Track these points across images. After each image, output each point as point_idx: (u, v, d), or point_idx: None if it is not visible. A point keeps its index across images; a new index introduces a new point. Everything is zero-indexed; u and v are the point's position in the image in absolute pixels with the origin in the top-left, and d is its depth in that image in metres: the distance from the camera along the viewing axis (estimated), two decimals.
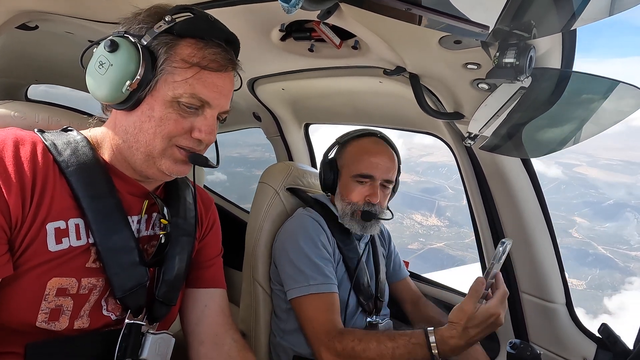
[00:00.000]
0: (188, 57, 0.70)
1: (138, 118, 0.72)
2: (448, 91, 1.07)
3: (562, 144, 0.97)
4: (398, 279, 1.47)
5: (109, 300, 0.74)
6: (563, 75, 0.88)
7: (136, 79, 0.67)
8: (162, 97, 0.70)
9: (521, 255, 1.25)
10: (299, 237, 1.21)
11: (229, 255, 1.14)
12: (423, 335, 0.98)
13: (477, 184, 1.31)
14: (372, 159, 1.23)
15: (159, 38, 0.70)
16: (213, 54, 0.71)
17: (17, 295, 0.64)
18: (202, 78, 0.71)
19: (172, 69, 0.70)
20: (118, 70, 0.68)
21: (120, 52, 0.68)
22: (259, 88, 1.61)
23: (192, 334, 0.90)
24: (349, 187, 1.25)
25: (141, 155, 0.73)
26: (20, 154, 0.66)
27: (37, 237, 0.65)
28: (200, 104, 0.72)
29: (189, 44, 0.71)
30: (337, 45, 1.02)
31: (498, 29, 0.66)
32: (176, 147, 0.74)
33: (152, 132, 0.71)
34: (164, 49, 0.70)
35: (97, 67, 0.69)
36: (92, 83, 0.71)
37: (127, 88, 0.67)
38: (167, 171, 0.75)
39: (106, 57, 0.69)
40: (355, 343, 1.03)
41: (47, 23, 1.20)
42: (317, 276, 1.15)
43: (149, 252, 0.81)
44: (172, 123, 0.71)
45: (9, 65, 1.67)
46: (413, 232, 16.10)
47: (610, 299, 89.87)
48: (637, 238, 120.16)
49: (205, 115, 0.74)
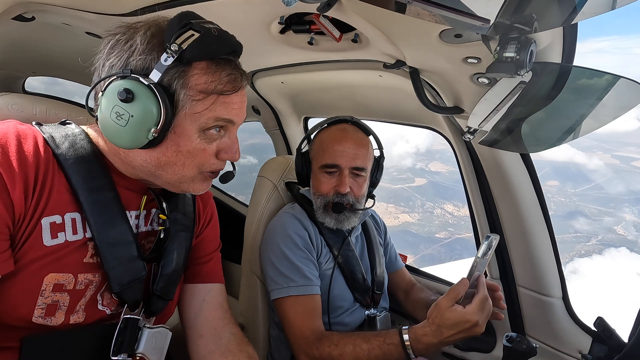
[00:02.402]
0: (204, 87, 0.67)
1: (163, 154, 0.70)
2: (448, 85, 1.07)
3: (561, 139, 0.96)
4: (393, 270, 1.47)
5: (104, 294, 0.74)
6: (563, 69, 0.87)
7: (161, 124, 0.65)
8: (188, 132, 0.69)
9: (518, 249, 1.26)
10: (278, 238, 1.20)
11: (228, 249, 1.15)
12: (397, 334, 0.99)
13: (476, 178, 1.32)
14: (336, 147, 1.19)
15: (170, 71, 0.66)
16: (227, 75, 0.69)
17: (13, 290, 0.64)
18: (221, 102, 0.70)
19: (192, 103, 0.67)
20: (140, 121, 0.65)
21: (138, 101, 0.64)
22: (258, 81, 1.61)
23: (191, 328, 0.90)
24: (318, 179, 1.23)
25: (165, 181, 0.74)
26: (24, 148, 0.66)
27: (33, 232, 0.65)
28: (224, 124, 0.73)
29: (200, 70, 0.67)
30: (337, 38, 1.02)
31: (499, 23, 0.65)
32: (206, 172, 0.75)
33: (182, 164, 0.72)
34: (178, 83, 0.66)
35: (116, 119, 0.65)
36: (112, 132, 0.67)
37: (152, 135, 0.65)
38: (194, 192, 0.77)
39: (123, 108, 0.65)
40: (332, 348, 1.05)
41: (44, 14, 1.18)
42: (297, 278, 1.14)
43: (147, 248, 0.81)
44: (201, 153, 0.72)
45: (6, 57, 1.65)
46: (443, 222, 16.15)
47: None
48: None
49: (229, 135, 0.74)
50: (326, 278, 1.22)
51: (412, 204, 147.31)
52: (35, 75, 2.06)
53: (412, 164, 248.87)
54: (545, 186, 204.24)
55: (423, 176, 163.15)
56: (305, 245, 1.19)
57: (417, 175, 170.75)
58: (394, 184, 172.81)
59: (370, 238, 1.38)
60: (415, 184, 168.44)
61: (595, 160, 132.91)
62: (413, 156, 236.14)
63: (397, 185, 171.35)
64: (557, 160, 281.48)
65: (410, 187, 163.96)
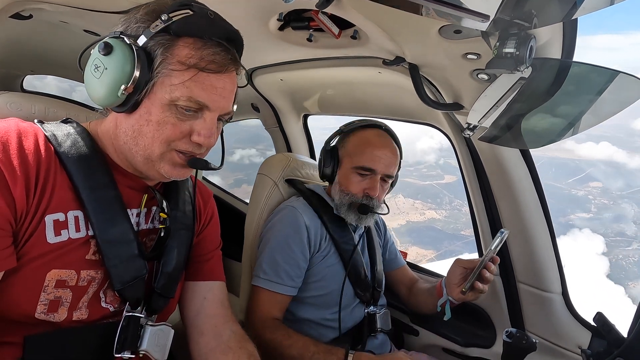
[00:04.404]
0: (185, 59, 0.67)
1: (137, 121, 0.70)
2: (447, 82, 1.07)
3: (561, 135, 0.96)
4: (394, 268, 1.48)
5: (107, 292, 0.74)
6: (563, 65, 0.87)
7: (132, 83, 0.65)
8: (160, 101, 0.68)
9: (518, 245, 1.26)
10: (273, 232, 1.24)
11: (229, 247, 1.15)
12: (344, 353, 1.05)
13: (476, 174, 1.32)
14: (376, 152, 1.22)
15: (156, 38, 0.67)
16: (212, 54, 0.68)
17: (16, 286, 0.64)
18: (200, 80, 0.68)
19: (169, 72, 0.67)
20: (113, 74, 0.66)
21: (115, 55, 0.66)
22: (257, 79, 1.60)
23: (192, 326, 0.91)
24: (348, 178, 1.25)
25: (141, 158, 0.72)
26: (24, 145, 0.66)
27: (37, 229, 0.65)
28: (198, 107, 0.70)
29: (186, 44, 0.68)
30: (336, 35, 1.01)
31: (499, 19, 0.65)
32: (175, 151, 0.73)
33: (151, 137, 0.70)
34: (160, 50, 0.67)
35: (93, 71, 0.68)
36: (89, 86, 0.69)
37: (122, 92, 0.66)
38: (166, 174, 0.74)
39: (101, 60, 0.67)
40: (284, 338, 1.10)
41: (42, 12, 1.18)
42: (271, 273, 1.18)
43: (148, 246, 0.82)
44: (170, 127, 0.70)
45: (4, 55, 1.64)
46: (469, 220, 16.20)
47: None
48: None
49: (204, 119, 0.72)
50: (328, 272, 1.23)
51: (439, 201, 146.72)
52: (34, 73, 2.05)
53: (436, 160, 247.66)
54: (588, 187, 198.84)
55: (453, 173, 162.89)
56: (299, 242, 1.20)
57: (447, 173, 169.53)
58: (422, 180, 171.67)
59: (372, 236, 1.40)
60: (444, 181, 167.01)
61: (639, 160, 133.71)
62: (437, 152, 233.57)
63: (425, 181, 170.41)
64: (594, 159, 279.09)
65: (439, 184, 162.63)
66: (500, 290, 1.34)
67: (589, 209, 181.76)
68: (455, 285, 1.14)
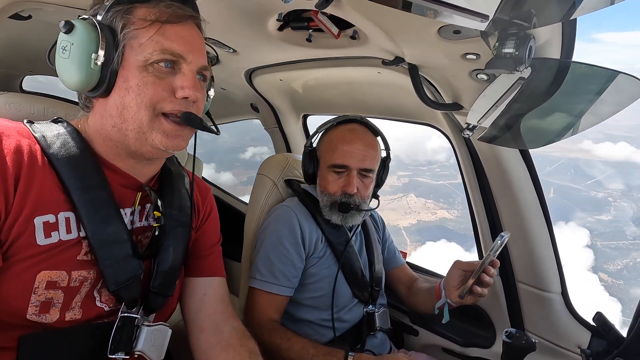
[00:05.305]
0: (145, 15, 0.69)
1: (117, 95, 0.70)
2: (447, 82, 1.07)
3: (560, 135, 0.97)
4: (393, 267, 1.47)
5: (102, 291, 0.73)
6: (562, 65, 0.87)
7: (101, 49, 0.67)
8: (134, 64, 0.69)
9: (518, 245, 1.27)
10: (267, 232, 1.23)
11: (228, 247, 1.15)
12: (343, 354, 1.04)
13: (475, 175, 1.32)
14: (346, 147, 1.19)
15: (112, 10, 0.69)
16: (168, 6, 0.70)
17: (6, 287, 0.63)
18: (165, 32, 0.69)
19: (134, 32, 0.69)
20: (81, 46, 0.67)
21: (77, 29, 0.67)
22: (257, 79, 1.60)
23: (192, 322, 0.90)
24: (325, 178, 1.23)
25: (132, 133, 0.71)
26: (3, 145, 0.65)
27: (25, 231, 0.64)
28: (173, 58, 0.70)
29: (142, 5, 0.70)
30: (336, 35, 1.01)
31: (498, 19, 0.65)
32: (163, 117, 0.71)
33: (135, 104, 0.69)
34: (119, 17, 0.69)
35: (62, 54, 0.68)
36: (62, 72, 0.70)
37: (94, 62, 0.67)
38: (161, 146, 0.72)
39: (66, 39, 0.68)
40: (283, 341, 1.09)
41: (41, 12, 1.18)
42: (267, 274, 1.17)
43: (144, 243, 0.81)
44: (151, 87, 0.69)
45: (3, 56, 1.64)
46: None
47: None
48: None
49: (183, 72, 0.71)
50: (325, 273, 1.22)
51: (452, 201, 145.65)
52: (33, 74, 2.05)
53: (446, 159, 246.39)
54: (608, 189, 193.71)
55: None
56: (294, 242, 1.19)
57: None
58: (435, 180, 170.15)
59: (369, 235, 1.39)
60: (457, 181, 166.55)
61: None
62: (448, 150, 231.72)
63: (438, 181, 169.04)
64: (612, 160, 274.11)
65: (452, 184, 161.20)
66: (499, 290, 1.34)
67: (610, 211, 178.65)
68: (454, 287, 1.11)
